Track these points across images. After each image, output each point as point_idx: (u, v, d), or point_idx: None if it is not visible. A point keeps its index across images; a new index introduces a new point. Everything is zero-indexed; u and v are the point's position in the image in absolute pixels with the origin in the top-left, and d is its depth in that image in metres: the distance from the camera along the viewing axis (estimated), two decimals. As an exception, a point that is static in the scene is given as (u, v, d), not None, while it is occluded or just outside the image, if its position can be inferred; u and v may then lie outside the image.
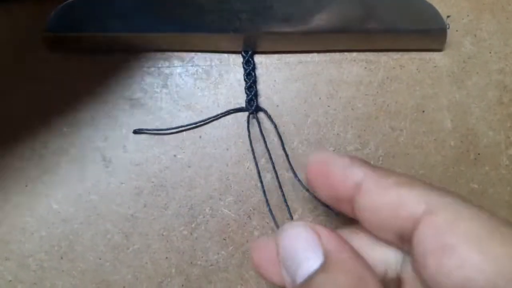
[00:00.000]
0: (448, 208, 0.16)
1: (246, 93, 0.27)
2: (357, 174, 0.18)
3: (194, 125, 0.27)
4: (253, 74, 0.28)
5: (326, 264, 0.16)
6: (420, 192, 0.16)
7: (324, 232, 0.17)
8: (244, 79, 0.28)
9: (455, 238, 0.15)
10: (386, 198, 0.17)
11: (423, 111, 0.28)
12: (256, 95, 0.27)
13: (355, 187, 0.17)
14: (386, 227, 0.17)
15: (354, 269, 0.16)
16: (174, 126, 0.27)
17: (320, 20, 0.26)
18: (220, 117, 0.27)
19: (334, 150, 0.27)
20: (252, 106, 0.27)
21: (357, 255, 0.17)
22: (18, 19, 0.28)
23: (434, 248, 0.15)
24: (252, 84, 0.27)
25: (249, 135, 0.26)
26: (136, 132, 0.27)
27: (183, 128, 0.27)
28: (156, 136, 0.27)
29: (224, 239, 0.27)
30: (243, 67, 0.28)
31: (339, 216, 0.26)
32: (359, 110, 0.28)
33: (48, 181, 0.27)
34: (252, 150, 0.26)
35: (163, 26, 0.26)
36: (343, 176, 0.18)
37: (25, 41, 0.28)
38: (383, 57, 0.28)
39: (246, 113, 0.27)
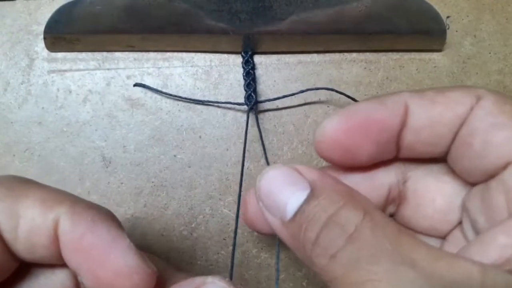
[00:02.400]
0: (495, 94, 0.16)
1: (245, 89, 0.27)
2: (400, 100, 0.17)
3: (191, 101, 0.28)
4: (252, 73, 0.28)
5: (313, 191, 0.16)
6: (464, 90, 0.16)
7: (303, 167, 0.17)
8: (243, 78, 0.28)
9: (504, 116, 0.15)
10: (437, 107, 0.16)
11: (423, 112, 0.28)
12: (255, 91, 0.27)
13: (403, 114, 0.17)
14: (439, 135, 0.17)
15: (342, 188, 0.16)
16: (174, 126, 0.27)
17: (319, 20, 0.26)
18: (219, 105, 0.27)
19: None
20: (251, 102, 0.27)
21: (339, 180, 0.17)
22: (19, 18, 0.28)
23: (483, 127, 0.15)
24: (251, 82, 0.27)
25: (246, 131, 0.26)
26: (136, 85, 0.28)
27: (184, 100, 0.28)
28: (156, 136, 0.27)
29: (224, 239, 0.27)
30: (243, 67, 0.28)
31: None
32: (358, 110, 0.28)
33: (48, 181, 0.27)
34: (244, 146, 0.26)
35: (163, 26, 0.26)
36: (387, 110, 0.17)
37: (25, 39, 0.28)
38: (382, 57, 0.28)
39: (246, 114, 0.27)
